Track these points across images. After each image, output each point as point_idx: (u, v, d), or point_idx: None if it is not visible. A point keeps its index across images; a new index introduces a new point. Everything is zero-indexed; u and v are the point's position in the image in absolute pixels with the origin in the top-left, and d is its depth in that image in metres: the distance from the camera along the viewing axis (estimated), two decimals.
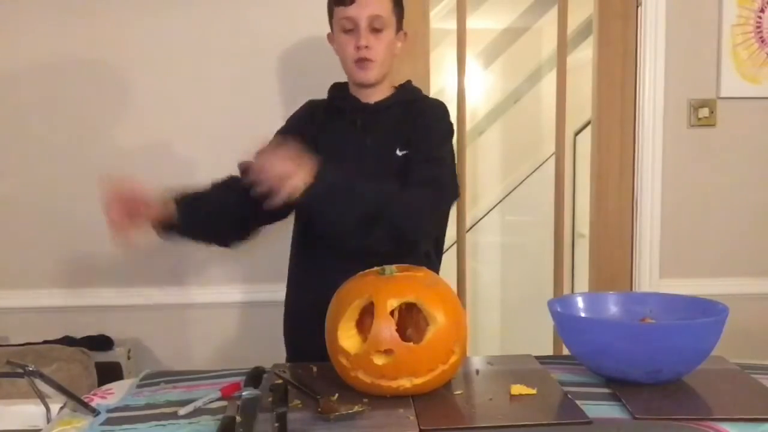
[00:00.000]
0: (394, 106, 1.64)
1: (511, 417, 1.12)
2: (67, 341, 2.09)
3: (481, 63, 4.01)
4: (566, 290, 2.92)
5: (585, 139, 2.98)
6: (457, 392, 1.23)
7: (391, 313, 1.18)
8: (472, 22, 2.82)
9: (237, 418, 1.11)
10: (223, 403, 1.21)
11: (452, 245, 2.47)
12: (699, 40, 2.31)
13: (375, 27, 1.55)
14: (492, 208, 3.96)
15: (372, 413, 1.13)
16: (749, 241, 2.37)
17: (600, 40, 2.35)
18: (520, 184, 3.93)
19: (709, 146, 2.34)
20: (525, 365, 1.38)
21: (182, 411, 1.17)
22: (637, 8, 2.31)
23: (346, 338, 1.21)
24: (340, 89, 1.69)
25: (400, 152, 1.59)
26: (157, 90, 2.20)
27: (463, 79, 2.42)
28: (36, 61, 2.17)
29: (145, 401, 1.25)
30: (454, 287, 1.94)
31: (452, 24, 2.45)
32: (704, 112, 2.32)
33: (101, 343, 2.14)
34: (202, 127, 2.22)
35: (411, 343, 1.18)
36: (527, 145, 3.86)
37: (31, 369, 1.15)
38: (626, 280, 2.40)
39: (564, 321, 1.32)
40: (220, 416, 1.13)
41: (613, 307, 1.43)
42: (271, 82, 2.21)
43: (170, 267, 2.25)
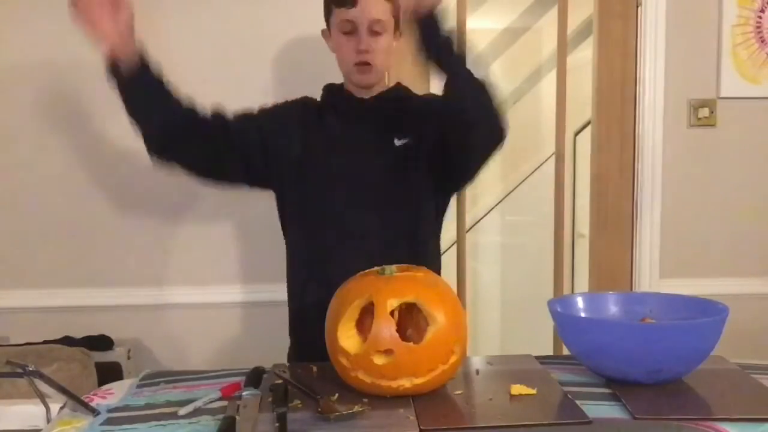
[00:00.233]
0: (390, 101, 1.64)
1: (511, 417, 1.12)
2: (67, 341, 2.08)
3: None
4: (566, 290, 2.91)
5: (585, 139, 2.98)
6: (457, 392, 1.23)
7: (391, 313, 1.18)
8: (472, 22, 2.81)
9: (237, 418, 1.11)
10: (223, 403, 1.20)
11: (452, 245, 2.47)
12: (699, 40, 2.31)
13: (375, 30, 1.55)
14: (492, 208, 3.96)
15: (372, 413, 1.13)
16: (749, 241, 2.37)
17: (600, 40, 2.35)
18: (520, 184, 3.93)
19: (709, 146, 2.34)
20: (525, 365, 1.38)
21: (182, 411, 1.17)
22: (637, 8, 2.31)
23: (346, 338, 1.21)
24: (334, 90, 1.69)
25: (399, 141, 1.59)
26: None
27: None
28: (36, 60, 2.17)
29: (145, 401, 1.25)
30: (454, 287, 1.94)
31: (452, 24, 2.44)
32: (704, 112, 2.32)
33: (101, 343, 2.13)
34: None
35: (411, 343, 1.18)
36: (527, 145, 3.85)
37: (31, 369, 1.15)
38: (626, 280, 2.40)
39: (564, 321, 1.32)
40: (220, 416, 1.13)
41: (613, 307, 1.42)
42: (266, 82, 2.20)
43: (170, 267, 2.25)
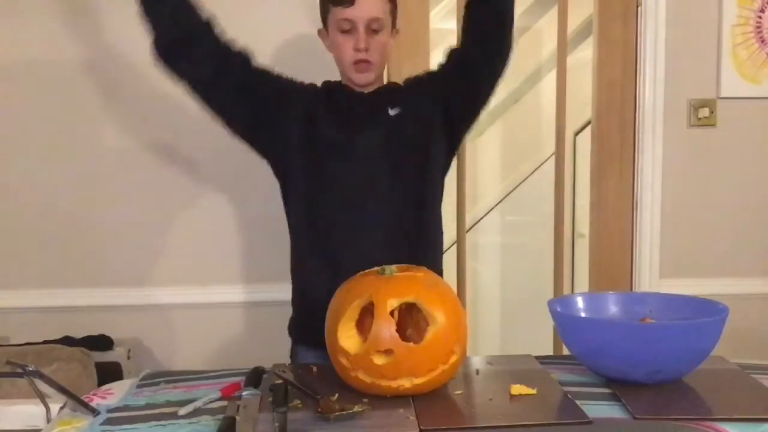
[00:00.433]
0: (386, 94, 1.66)
1: (511, 417, 1.12)
2: (67, 341, 2.08)
3: None
4: (566, 290, 2.91)
5: (585, 139, 2.97)
6: (457, 392, 1.23)
7: (391, 313, 1.18)
8: None
9: (237, 418, 1.11)
10: (223, 403, 1.21)
11: (452, 245, 2.47)
12: (699, 40, 2.30)
13: (373, 28, 1.56)
14: (492, 208, 3.95)
15: (372, 413, 1.13)
16: (749, 241, 2.36)
17: (600, 40, 2.35)
18: (520, 184, 3.92)
19: (709, 146, 2.33)
20: (525, 365, 1.38)
21: (182, 411, 1.17)
22: (637, 8, 2.31)
23: (346, 338, 1.21)
24: (333, 86, 1.68)
25: (392, 111, 1.61)
26: (157, 90, 2.19)
27: None
28: (36, 60, 2.17)
29: (145, 401, 1.25)
30: (454, 287, 1.94)
31: (452, 24, 2.45)
32: (704, 112, 2.31)
33: (101, 343, 2.13)
34: (202, 126, 2.21)
35: (411, 343, 1.18)
36: (527, 145, 3.85)
37: (31, 369, 1.16)
38: (626, 280, 2.39)
39: (564, 321, 1.32)
40: (220, 416, 1.13)
41: (613, 307, 1.42)
42: None
43: (170, 267, 2.25)
